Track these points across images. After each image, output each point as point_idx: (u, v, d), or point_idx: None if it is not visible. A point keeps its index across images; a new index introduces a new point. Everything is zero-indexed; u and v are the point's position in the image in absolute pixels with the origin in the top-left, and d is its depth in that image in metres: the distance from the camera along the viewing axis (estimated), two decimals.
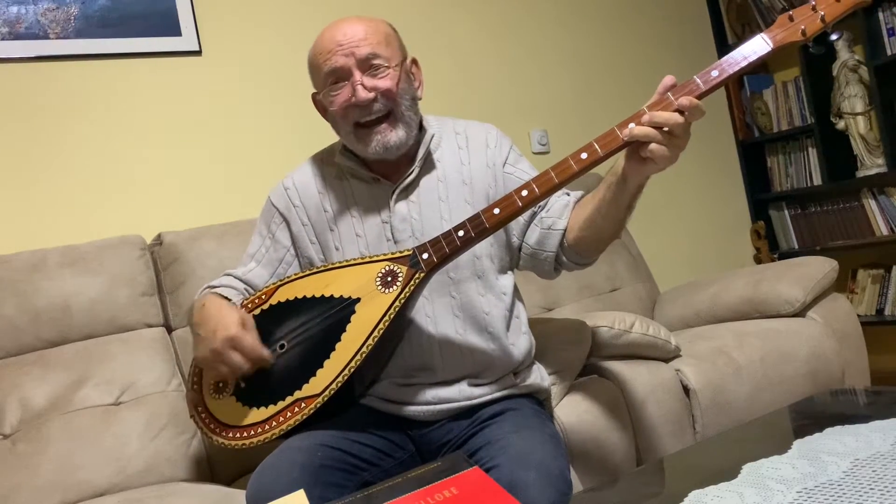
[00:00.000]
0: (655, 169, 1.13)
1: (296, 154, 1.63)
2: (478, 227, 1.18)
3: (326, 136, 1.46)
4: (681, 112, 1.08)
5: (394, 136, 1.28)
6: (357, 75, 1.25)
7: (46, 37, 2.01)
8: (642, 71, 3.06)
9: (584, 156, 1.14)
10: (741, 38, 3.29)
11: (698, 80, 1.11)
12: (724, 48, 3.29)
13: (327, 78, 1.28)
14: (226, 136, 2.22)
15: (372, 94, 1.25)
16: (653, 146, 1.09)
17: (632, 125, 1.11)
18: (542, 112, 2.81)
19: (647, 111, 1.10)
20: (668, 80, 1.12)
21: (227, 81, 2.24)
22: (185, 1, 2.17)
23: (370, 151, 1.29)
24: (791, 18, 1.10)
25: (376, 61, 1.26)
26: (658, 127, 1.08)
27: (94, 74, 2.07)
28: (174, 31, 2.16)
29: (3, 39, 1.96)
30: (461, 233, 1.19)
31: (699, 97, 1.10)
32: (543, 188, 1.16)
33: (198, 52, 2.20)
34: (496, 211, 1.18)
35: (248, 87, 2.27)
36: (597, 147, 1.14)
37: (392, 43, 1.30)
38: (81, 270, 1.75)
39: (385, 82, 1.26)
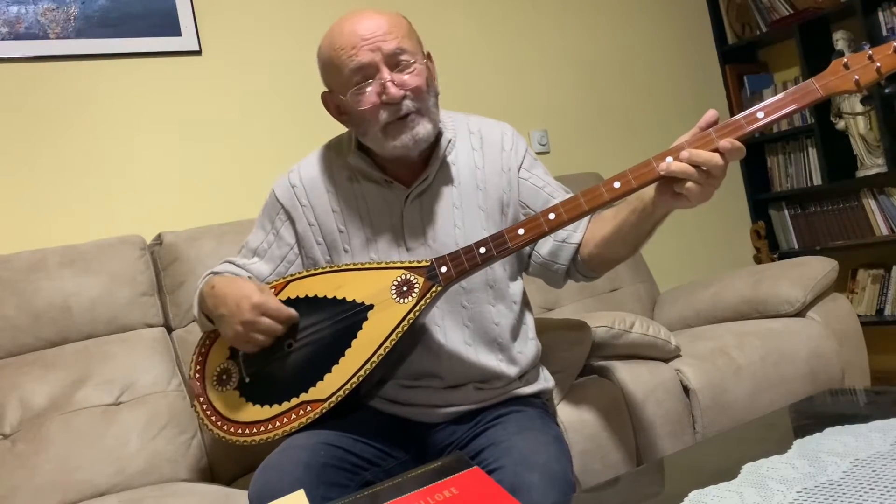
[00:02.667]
0: (687, 205, 1.10)
1: (296, 153, 1.63)
2: (500, 247, 1.16)
3: (327, 135, 1.46)
4: (721, 153, 1.05)
5: (422, 128, 1.23)
6: (385, 72, 1.20)
7: (46, 37, 2.01)
8: (642, 71, 3.06)
9: (616, 185, 1.12)
10: (741, 38, 3.29)
11: (742, 121, 1.07)
12: (723, 48, 3.29)
13: (352, 76, 1.21)
14: (226, 136, 2.22)
15: (402, 92, 1.20)
16: (689, 184, 1.06)
17: (669, 159, 1.08)
18: (542, 112, 2.81)
19: (687, 147, 1.07)
20: (711, 115, 1.09)
21: (227, 81, 2.24)
22: (185, 1, 2.17)
23: (399, 146, 1.23)
24: (846, 66, 1.06)
25: (403, 56, 1.21)
26: (696, 165, 1.06)
27: (94, 74, 2.07)
28: (174, 31, 2.16)
29: (3, 39, 1.96)
30: (482, 250, 1.17)
31: (740, 138, 1.06)
32: (571, 213, 1.14)
33: (198, 52, 2.20)
34: (521, 231, 1.16)
35: (248, 86, 2.27)
36: (630, 178, 1.11)
37: (413, 36, 1.26)
38: (81, 270, 1.75)
39: (414, 79, 1.21)
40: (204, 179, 2.17)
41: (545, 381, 1.39)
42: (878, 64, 1.05)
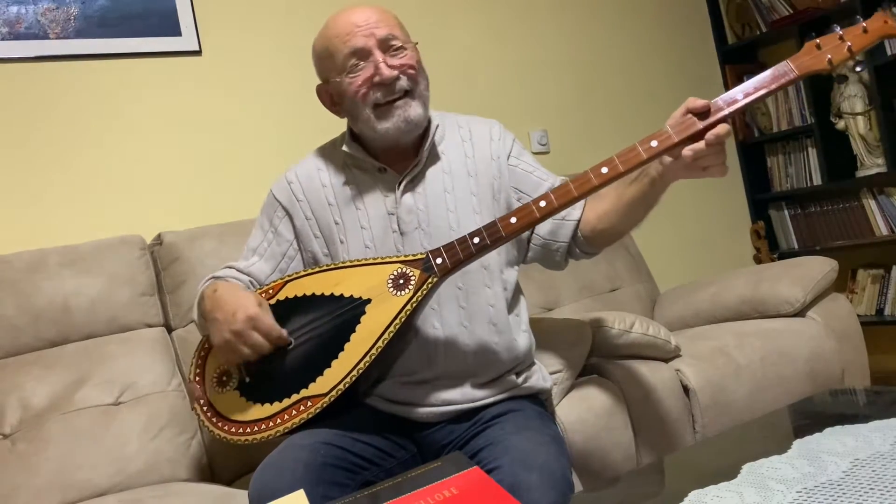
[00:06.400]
0: (703, 175, 1.16)
1: (296, 153, 1.63)
2: (493, 235, 1.18)
3: (327, 134, 1.46)
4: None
5: (413, 111, 1.29)
6: (378, 55, 1.27)
7: (46, 37, 2.01)
8: (642, 71, 3.06)
9: (604, 170, 1.16)
10: (741, 38, 3.29)
11: (721, 103, 1.13)
12: (723, 48, 3.29)
13: (347, 59, 1.28)
14: (226, 136, 2.22)
15: (395, 72, 1.27)
16: (710, 159, 1.12)
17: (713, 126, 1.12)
18: (542, 112, 2.81)
19: (672, 129, 1.13)
20: (691, 102, 1.15)
21: (227, 81, 2.24)
22: (185, 1, 2.17)
23: (392, 127, 1.28)
24: (818, 47, 1.11)
25: (394, 42, 1.29)
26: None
27: (94, 74, 2.07)
28: (174, 31, 2.16)
29: (3, 39, 1.96)
30: (476, 239, 1.19)
31: (723, 119, 1.12)
32: (562, 200, 1.17)
33: (198, 52, 2.20)
34: (513, 220, 1.18)
35: (248, 87, 2.27)
36: (618, 163, 1.15)
37: (402, 28, 1.33)
38: (81, 270, 1.75)
39: (407, 60, 1.29)
40: (204, 179, 2.17)
41: (543, 380, 1.39)
42: (850, 43, 1.10)
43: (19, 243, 1.82)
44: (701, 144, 1.10)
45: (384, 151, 1.34)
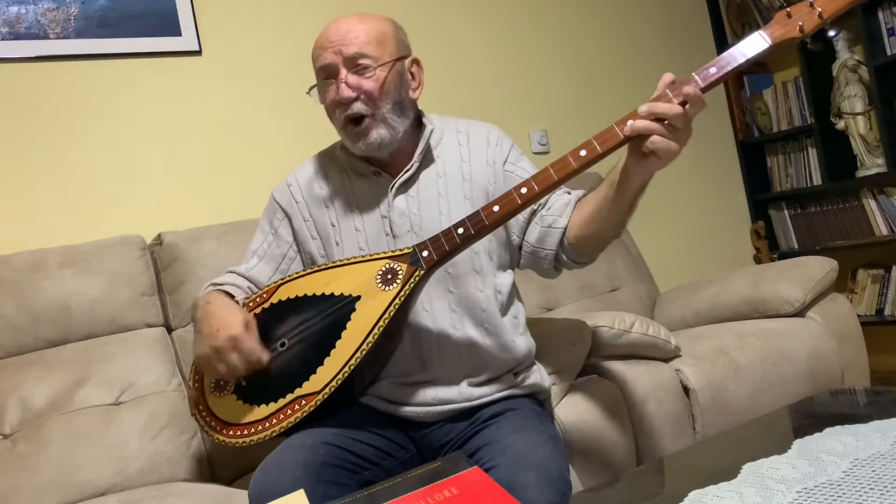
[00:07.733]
0: (658, 165, 1.12)
1: (296, 153, 1.63)
2: (477, 225, 1.18)
3: (327, 134, 1.46)
4: (682, 104, 1.08)
5: (374, 134, 1.28)
6: (342, 73, 1.27)
7: (46, 37, 2.01)
8: (642, 71, 3.05)
9: (583, 153, 1.15)
10: (741, 38, 3.28)
11: (696, 78, 1.11)
12: (723, 48, 3.27)
13: (319, 74, 1.31)
14: (226, 136, 2.22)
15: (353, 94, 1.26)
16: (654, 138, 1.08)
17: (631, 122, 1.11)
18: (542, 112, 2.81)
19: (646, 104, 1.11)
20: (667, 77, 1.12)
21: (227, 81, 2.24)
22: (185, 1, 2.17)
23: (357, 149, 1.31)
24: (789, 15, 1.11)
25: (362, 61, 1.27)
26: (659, 119, 1.08)
27: (94, 74, 2.07)
28: (174, 31, 2.16)
29: (3, 39, 1.96)
30: (461, 230, 1.19)
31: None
32: (542, 185, 1.17)
33: (198, 52, 2.21)
34: (496, 208, 1.18)
35: (248, 87, 2.27)
36: (595, 144, 1.14)
37: (385, 42, 1.29)
38: (81, 270, 1.75)
39: (369, 83, 1.27)
40: (204, 179, 2.17)
41: (542, 379, 1.39)
42: (820, 9, 1.10)
43: (19, 243, 1.82)
44: (677, 108, 1.07)
45: (374, 156, 1.35)
